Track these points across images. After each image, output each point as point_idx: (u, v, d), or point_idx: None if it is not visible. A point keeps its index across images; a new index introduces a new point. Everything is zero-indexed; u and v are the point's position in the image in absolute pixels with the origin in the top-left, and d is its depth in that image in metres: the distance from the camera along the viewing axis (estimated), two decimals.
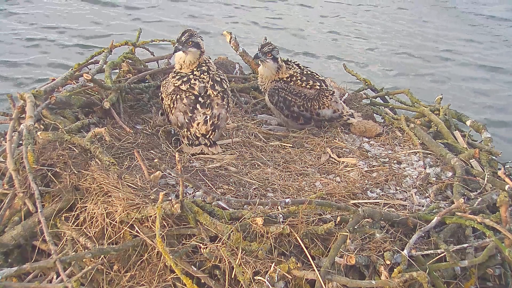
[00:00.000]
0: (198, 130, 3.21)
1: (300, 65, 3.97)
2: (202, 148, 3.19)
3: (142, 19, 8.69)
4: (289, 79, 3.83)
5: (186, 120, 3.23)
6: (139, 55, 4.26)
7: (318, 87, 3.82)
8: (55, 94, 3.16)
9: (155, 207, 2.23)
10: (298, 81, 3.82)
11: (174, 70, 3.44)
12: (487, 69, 8.37)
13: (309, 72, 3.92)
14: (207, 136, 3.22)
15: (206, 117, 3.21)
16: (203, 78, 3.30)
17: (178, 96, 3.25)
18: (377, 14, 11.06)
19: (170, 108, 3.30)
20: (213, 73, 3.36)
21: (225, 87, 3.36)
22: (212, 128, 3.22)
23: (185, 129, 3.23)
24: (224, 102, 3.28)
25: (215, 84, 3.29)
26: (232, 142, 3.40)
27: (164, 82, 3.43)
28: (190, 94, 3.24)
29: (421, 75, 7.85)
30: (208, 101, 3.24)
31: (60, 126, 2.91)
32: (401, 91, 4.51)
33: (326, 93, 3.83)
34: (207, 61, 3.40)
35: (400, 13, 11.37)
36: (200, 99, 3.23)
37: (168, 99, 3.31)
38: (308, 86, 3.82)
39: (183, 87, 3.26)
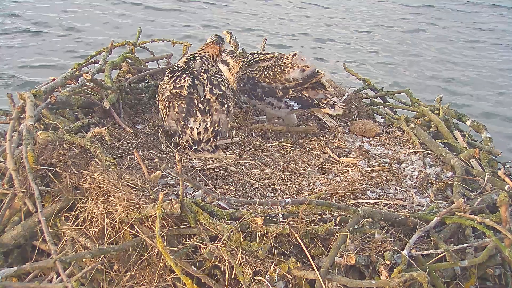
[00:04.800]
0: (191, 137, 3.18)
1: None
2: (205, 154, 3.16)
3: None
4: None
5: (179, 128, 3.20)
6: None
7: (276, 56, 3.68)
8: (55, 94, 3.16)
9: (155, 207, 2.23)
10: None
11: (175, 65, 3.43)
12: None
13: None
14: (209, 143, 3.18)
15: (206, 124, 3.17)
16: (203, 76, 3.27)
17: (171, 104, 3.22)
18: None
19: (163, 114, 3.29)
20: (211, 74, 3.32)
21: (224, 89, 3.28)
22: (213, 134, 3.18)
23: (177, 137, 3.21)
24: (223, 108, 3.22)
25: (213, 88, 3.24)
26: (232, 142, 3.41)
27: (161, 83, 3.39)
28: (182, 102, 3.20)
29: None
30: (207, 107, 3.20)
31: (60, 126, 2.91)
32: (401, 91, 4.51)
33: (285, 55, 3.67)
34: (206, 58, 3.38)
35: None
36: (200, 105, 3.19)
37: (163, 104, 3.29)
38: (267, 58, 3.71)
39: (173, 87, 3.23)
